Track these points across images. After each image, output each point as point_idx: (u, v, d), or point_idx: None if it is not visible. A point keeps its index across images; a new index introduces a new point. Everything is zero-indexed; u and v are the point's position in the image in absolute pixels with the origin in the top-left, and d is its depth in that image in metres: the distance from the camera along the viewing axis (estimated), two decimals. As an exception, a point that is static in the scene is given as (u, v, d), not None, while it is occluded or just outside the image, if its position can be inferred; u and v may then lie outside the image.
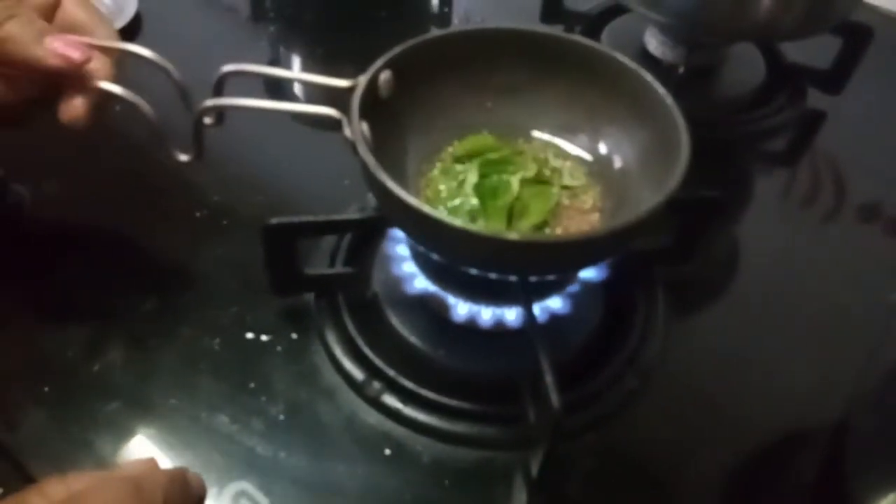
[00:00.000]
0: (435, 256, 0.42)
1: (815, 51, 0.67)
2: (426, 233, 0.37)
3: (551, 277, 0.43)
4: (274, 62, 0.72)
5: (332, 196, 0.53)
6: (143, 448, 0.41)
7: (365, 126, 0.40)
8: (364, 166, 0.37)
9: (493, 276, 0.41)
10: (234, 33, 0.75)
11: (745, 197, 0.61)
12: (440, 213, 0.35)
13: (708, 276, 0.53)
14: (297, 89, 0.66)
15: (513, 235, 0.35)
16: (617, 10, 0.71)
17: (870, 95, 0.69)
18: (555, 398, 0.35)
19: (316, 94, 0.61)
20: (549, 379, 0.36)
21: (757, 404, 0.45)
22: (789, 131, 0.66)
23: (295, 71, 0.70)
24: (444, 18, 0.79)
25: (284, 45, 0.75)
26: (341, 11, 0.78)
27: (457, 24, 0.77)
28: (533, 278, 0.42)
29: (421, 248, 0.43)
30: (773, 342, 0.49)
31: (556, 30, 0.71)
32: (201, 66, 0.43)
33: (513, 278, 0.41)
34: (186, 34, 0.71)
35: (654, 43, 0.67)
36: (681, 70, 0.57)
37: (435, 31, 0.45)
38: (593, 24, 0.71)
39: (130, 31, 0.69)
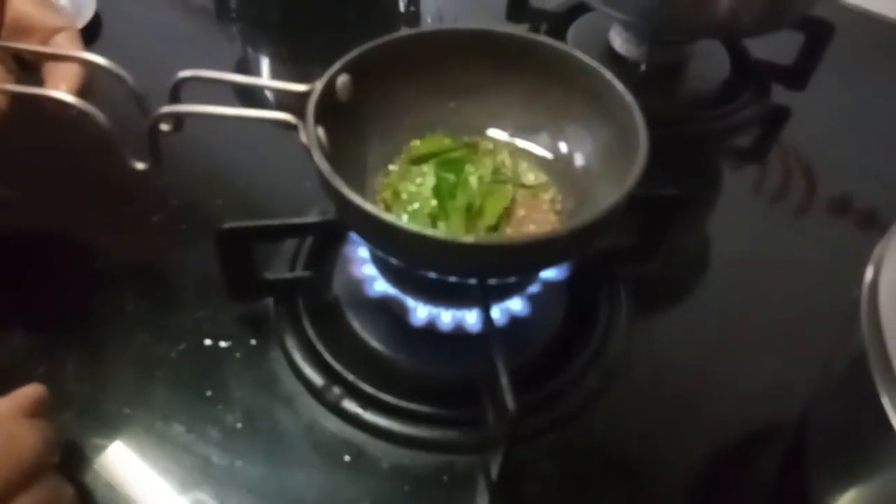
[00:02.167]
0: (393, 260, 0.41)
1: (779, 47, 0.67)
2: (382, 238, 0.37)
3: (511, 279, 0.43)
4: (241, 62, 0.71)
5: (294, 198, 0.53)
6: (97, 459, 0.40)
7: (321, 131, 0.39)
8: (319, 172, 0.37)
9: (452, 279, 0.41)
10: (197, 33, 0.73)
11: (711, 193, 0.61)
12: (395, 218, 0.35)
13: (673, 274, 0.53)
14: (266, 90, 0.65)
15: (467, 239, 0.35)
16: (582, 8, 0.71)
17: (834, 89, 0.69)
18: (510, 401, 0.35)
19: (280, 95, 0.60)
20: (504, 381, 0.35)
21: (720, 403, 0.45)
22: (755, 127, 0.66)
23: (255, 75, 0.69)
24: (412, 18, 0.79)
25: (250, 46, 0.74)
26: (308, 11, 0.77)
27: (430, 22, 0.77)
28: (493, 281, 0.41)
29: (379, 252, 0.43)
30: (737, 340, 0.49)
31: (522, 28, 0.72)
32: (162, 68, 0.42)
33: (472, 281, 0.40)
34: (147, 35, 0.70)
35: (618, 41, 0.67)
36: (642, 68, 0.57)
37: (393, 34, 0.44)
38: (559, 23, 0.71)
39: (89, 33, 0.68)
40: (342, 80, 0.42)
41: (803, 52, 0.65)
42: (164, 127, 0.44)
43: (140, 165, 0.43)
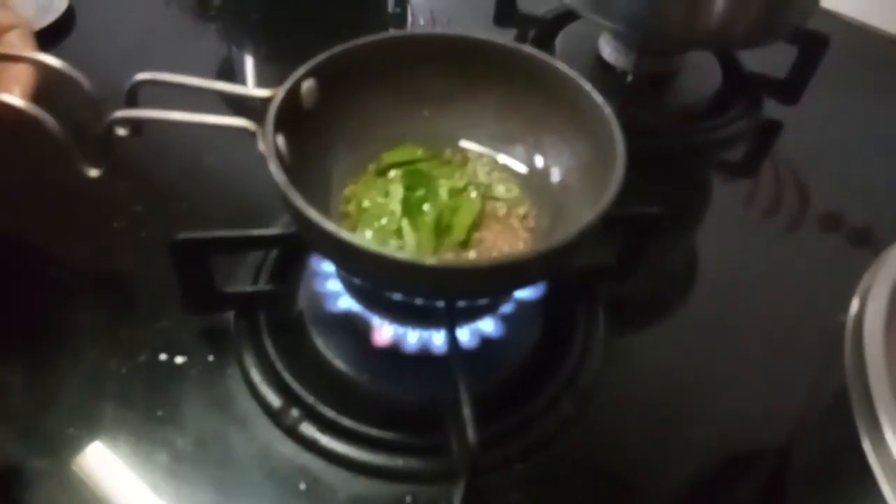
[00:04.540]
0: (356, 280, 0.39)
1: (773, 59, 0.65)
2: (342, 257, 0.35)
3: (481, 301, 0.41)
4: (220, 61, 0.68)
5: (264, 205, 0.50)
6: (36, 481, 0.37)
7: (281, 139, 0.37)
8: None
9: (418, 300, 0.39)
10: (176, 30, 0.71)
11: (698, 209, 0.59)
12: (354, 237, 0.32)
13: (655, 292, 0.51)
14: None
15: (431, 261, 0.33)
16: (571, 15, 0.69)
17: (827, 103, 0.67)
18: (472, 434, 0.33)
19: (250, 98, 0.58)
20: (466, 413, 0.33)
21: (701, 429, 0.43)
22: (745, 141, 0.64)
23: (234, 74, 0.67)
24: (398, 19, 0.77)
25: (230, 44, 0.71)
26: (290, 10, 0.75)
27: (422, 24, 0.75)
28: (461, 302, 0.39)
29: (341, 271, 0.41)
30: (720, 364, 0.47)
31: (510, 34, 0.70)
32: (136, 66, 0.40)
33: (440, 303, 0.38)
34: (122, 31, 0.68)
35: (607, 49, 0.65)
36: (629, 78, 0.55)
37: (361, 38, 0.42)
38: (547, 29, 0.69)
39: (61, 28, 0.66)
40: (308, 85, 0.40)
41: (797, 65, 0.64)
42: (122, 131, 0.42)
43: (93, 172, 0.41)
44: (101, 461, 0.38)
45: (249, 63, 0.71)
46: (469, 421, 0.33)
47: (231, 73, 0.68)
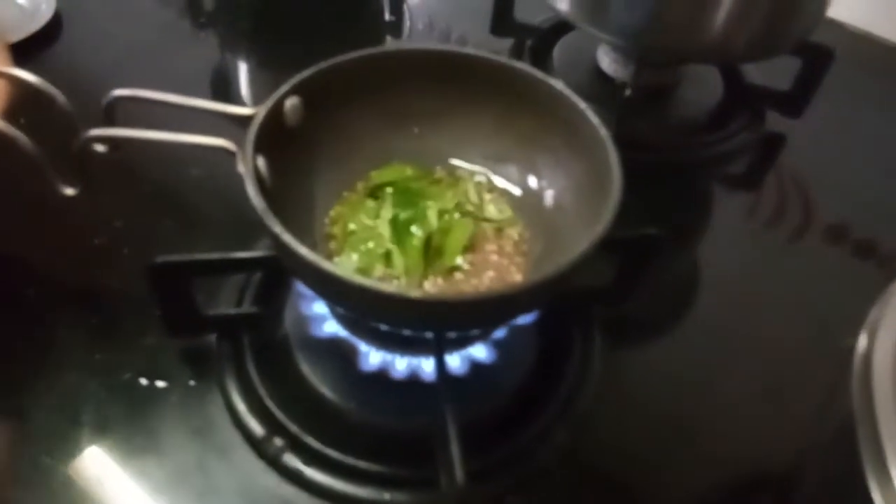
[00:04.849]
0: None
1: (776, 71, 0.64)
2: (323, 287, 0.33)
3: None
4: (217, 71, 0.67)
5: (249, 221, 0.47)
6: (7, 515, 0.36)
7: (262, 160, 0.36)
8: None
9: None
10: (166, 38, 0.70)
11: (699, 225, 0.58)
12: (334, 267, 0.31)
13: (654, 313, 0.49)
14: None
15: (416, 294, 0.31)
16: (569, 25, 0.67)
17: (832, 115, 0.66)
18: (459, 471, 0.31)
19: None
20: (454, 449, 0.32)
21: (703, 457, 0.42)
22: (747, 155, 0.63)
23: (227, 84, 0.66)
24: (394, 27, 0.75)
25: (224, 53, 0.70)
26: (283, 19, 0.73)
27: (420, 29, 0.73)
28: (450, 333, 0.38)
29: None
30: (722, 388, 0.45)
31: (505, 43, 0.68)
32: (126, 74, 0.39)
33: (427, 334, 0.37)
34: (111, 37, 0.67)
35: (606, 60, 0.63)
36: (627, 92, 0.53)
37: (350, 53, 0.40)
38: (544, 39, 0.67)
39: (48, 34, 0.64)
40: (292, 103, 0.38)
41: (800, 77, 0.62)
42: (100, 148, 0.40)
43: (70, 191, 0.40)
44: (77, 492, 0.37)
45: (243, 71, 0.70)
46: (456, 457, 0.31)
47: (225, 81, 0.67)
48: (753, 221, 0.57)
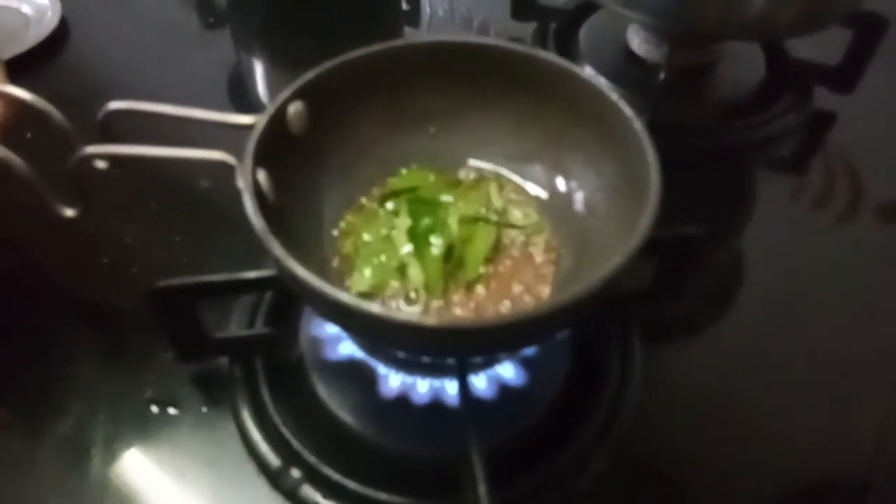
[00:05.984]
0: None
1: (823, 43, 0.58)
2: (332, 314, 0.30)
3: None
4: (232, 71, 0.64)
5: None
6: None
7: (264, 174, 0.33)
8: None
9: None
10: (176, 40, 0.67)
11: (743, 216, 0.53)
12: (341, 294, 0.28)
13: (698, 317, 0.45)
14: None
15: (430, 322, 0.28)
16: (595, 5, 0.63)
17: (885, 89, 0.60)
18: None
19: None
20: (480, 478, 0.28)
21: (759, 478, 0.38)
22: (794, 137, 0.58)
23: (244, 87, 0.63)
24: (412, 17, 0.72)
25: (238, 53, 0.67)
26: (297, 13, 0.70)
27: (441, 15, 0.70)
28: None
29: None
30: (777, 398, 0.41)
31: (528, 28, 0.64)
32: (136, 80, 0.36)
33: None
34: (119, 41, 0.65)
35: (636, 41, 0.59)
36: (661, 75, 0.49)
37: (355, 51, 0.37)
38: (570, 21, 0.63)
39: (54, 41, 0.62)
40: (295, 108, 0.35)
41: (851, 50, 0.57)
42: (101, 164, 0.38)
43: (69, 212, 0.38)
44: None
45: (259, 70, 0.67)
46: (483, 487, 0.28)
47: (241, 82, 0.64)
48: (801, 209, 0.53)
